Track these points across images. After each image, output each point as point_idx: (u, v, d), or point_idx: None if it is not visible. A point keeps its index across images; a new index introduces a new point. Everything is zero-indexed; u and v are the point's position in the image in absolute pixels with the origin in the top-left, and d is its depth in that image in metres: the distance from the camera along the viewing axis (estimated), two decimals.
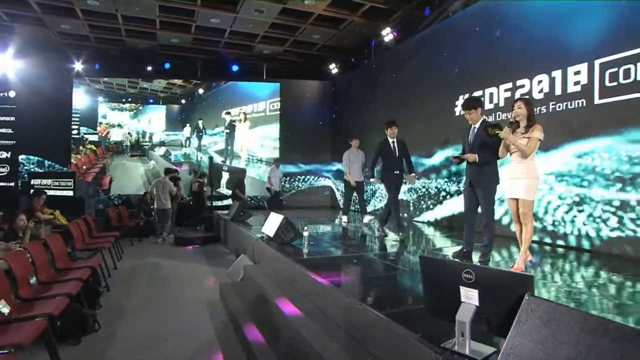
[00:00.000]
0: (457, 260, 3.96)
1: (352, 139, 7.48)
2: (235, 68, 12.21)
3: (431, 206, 7.68)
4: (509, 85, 6.07)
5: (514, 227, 3.97)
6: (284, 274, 4.18)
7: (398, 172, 5.72)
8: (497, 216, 5.26)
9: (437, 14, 7.97)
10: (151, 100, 12.61)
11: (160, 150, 12.62)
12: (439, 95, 7.45)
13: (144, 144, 12.56)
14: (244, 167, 12.35)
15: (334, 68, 11.71)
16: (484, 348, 1.86)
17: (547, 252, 4.90)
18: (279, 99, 12.40)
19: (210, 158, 12.09)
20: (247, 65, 12.32)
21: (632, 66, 4.50)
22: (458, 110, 7.01)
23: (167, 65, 11.97)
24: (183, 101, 12.79)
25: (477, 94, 6.55)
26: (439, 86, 7.56)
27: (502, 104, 6.18)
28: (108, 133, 12.13)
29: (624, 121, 4.59)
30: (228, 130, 12.47)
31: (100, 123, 12.05)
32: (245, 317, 3.78)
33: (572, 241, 5.12)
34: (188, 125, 12.77)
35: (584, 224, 5.00)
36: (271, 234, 5.02)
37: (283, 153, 12.03)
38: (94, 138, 11.94)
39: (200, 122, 12.67)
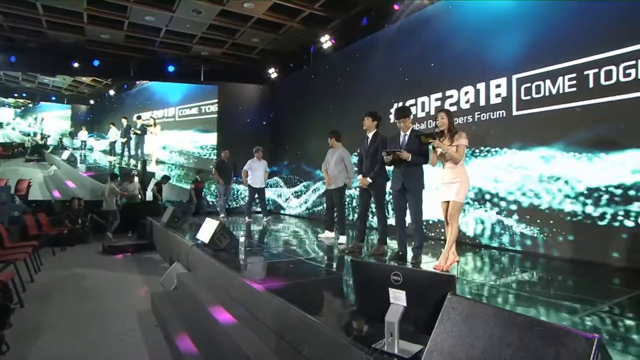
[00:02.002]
0: (385, 263, 4.12)
1: (331, 137, 6.01)
2: (171, 69, 11.76)
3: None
4: (439, 95, 6.44)
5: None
6: (219, 281, 4.07)
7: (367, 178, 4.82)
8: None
9: (390, 23, 8.24)
10: (53, 98, 11.57)
11: (64, 154, 11.59)
12: (375, 102, 7.70)
13: (77, 147, 11.61)
14: (153, 172, 11.91)
15: (273, 72, 11.69)
16: (411, 346, 1.93)
17: (469, 251, 5.24)
18: (187, 105, 12.16)
19: (144, 161, 11.56)
20: (184, 67, 11.92)
21: (541, 82, 4.99)
22: (392, 117, 7.31)
23: (96, 63, 11.20)
24: (92, 102, 11.96)
25: (410, 102, 6.88)
26: (375, 94, 7.83)
27: (432, 112, 6.54)
28: None
29: (536, 131, 5.07)
30: (139, 133, 11.85)
31: None
32: (178, 327, 3.62)
33: (491, 241, 5.53)
34: (113, 126, 11.86)
35: (503, 225, 5.43)
36: (206, 240, 4.88)
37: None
38: None
39: (124, 121, 11.90)
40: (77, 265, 7.03)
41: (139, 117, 11.96)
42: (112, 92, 12.09)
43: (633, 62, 4.19)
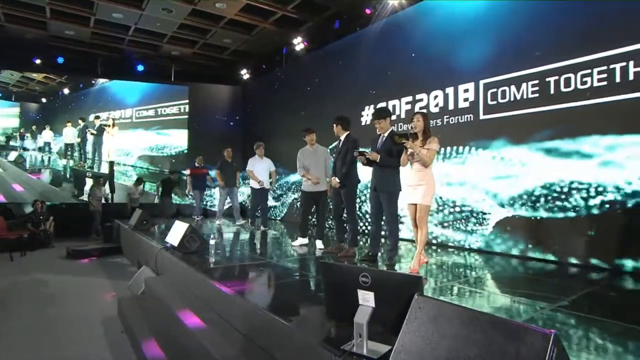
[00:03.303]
0: (355, 264, 4.14)
1: (306, 133, 5.60)
2: (140, 68, 11.46)
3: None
4: (409, 98, 6.56)
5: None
6: (188, 285, 4.00)
7: (336, 178, 4.83)
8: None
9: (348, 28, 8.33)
10: None
11: (11, 156, 10.89)
12: (347, 105, 7.77)
13: (39, 147, 11.02)
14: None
15: (245, 74, 11.59)
16: (380, 347, 1.94)
17: (436, 252, 5.36)
18: (144, 107, 11.89)
19: (112, 163, 11.23)
20: (154, 66, 11.65)
21: (507, 88, 5.18)
22: (364, 119, 7.39)
23: (60, 60, 10.76)
24: (44, 100, 11.36)
25: (381, 104, 6.98)
26: (346, 96, 7.90)
27: (403, 115, 6.66)
28: None
29: (502, 135, 5.24)
30: (96, 133, 11.36)
31: None
32: (145, 333, 3.53)
33: (457, 241, 5.68)
34: (69, 124, 11.28)
35: (469, 226, 5.58)
36: (175, 244, 4.79)
37: (191, 158, 11.47)
38: None
39: (80, 122, 11.34)
40: (39, 270, 6.73)
41: (97, 117, 11.51)
42: (66, 91, 11.53)
43: (589, 71, 4.42)
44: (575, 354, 2.07)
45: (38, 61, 10.57)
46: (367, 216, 6.67)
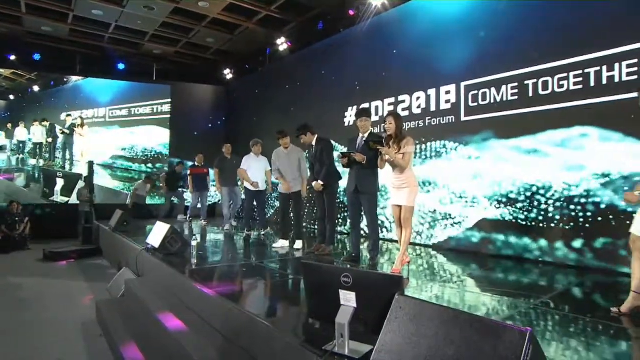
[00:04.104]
0: (337, 264, 4.16)
1: (280, 137, 5.49)
2: (121, 66, 11.23)
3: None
4: (392, 99, 6.62)
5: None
6: (169, 287, 3.95)
7: (319, 181, 4.84)
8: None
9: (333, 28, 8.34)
10: None
11: None
12: (330, 105, 7.80)
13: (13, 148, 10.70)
14: (81, 173, 10.98)
15: (228, 73, 11.50)
16: (362, 347, 1.95)
17: (417, 252, 5.41)
18: (118, 106, 11.68)
19: (91, 163, 10.97)
20: (135, 65, 11.43)
21: (487, 90, 5.27)
22: (347, 120, 7.42)
23: (36, 57, 10.45)
24: (11, 97, 10.98)
25: (364, 105, 7.01)
26: (330, 97, 7.91)
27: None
28: None
29: (482, 136, 5.33)
30: (67, 133, 11.00)
31: None
32: (125, 336, 3.46)
33: (440, 241, 5.75)
34: (36, 123, 10.85)
35: (449, 225, 5.66)
36: (157, 245, 4.72)
37: (174, 158, 11.36)
38: None
39: (45, 123, 10.95)
40: (14, 273, 6.53)
41: (69, 116, 11.17)
42: (36, 88, 11.16)
43: (565, 75, 4.54)
44: (551, 351, 2.12)
45: (12, 57, 10.25)
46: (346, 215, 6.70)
